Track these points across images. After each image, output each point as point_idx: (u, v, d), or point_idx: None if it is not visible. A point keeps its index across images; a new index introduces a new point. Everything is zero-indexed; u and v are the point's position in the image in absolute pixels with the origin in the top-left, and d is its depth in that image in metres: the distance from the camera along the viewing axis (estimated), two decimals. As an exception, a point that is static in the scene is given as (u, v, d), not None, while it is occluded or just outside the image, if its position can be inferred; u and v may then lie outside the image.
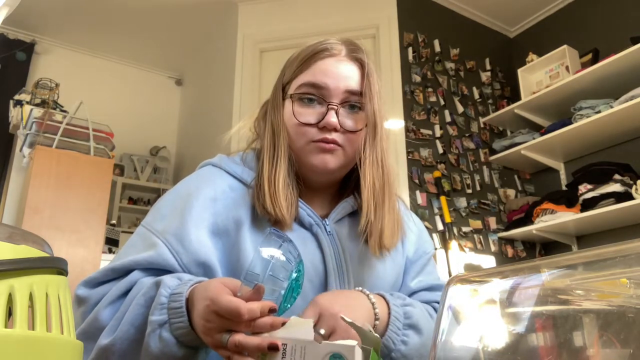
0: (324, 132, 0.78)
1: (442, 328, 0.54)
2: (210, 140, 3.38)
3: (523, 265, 0.53)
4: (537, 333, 0.47)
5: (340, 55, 0.82)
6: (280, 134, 0.80)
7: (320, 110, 0.79)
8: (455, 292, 0.57)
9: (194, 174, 0.87)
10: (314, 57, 0.82)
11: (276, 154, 0.80)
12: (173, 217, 0.76)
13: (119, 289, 0.70)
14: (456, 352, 0.53)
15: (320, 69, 0.80)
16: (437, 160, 2.78)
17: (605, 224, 2.59)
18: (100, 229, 2.49)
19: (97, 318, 0.68)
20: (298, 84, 0.81)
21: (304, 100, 0.80)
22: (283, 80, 0.86)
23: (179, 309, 0.62)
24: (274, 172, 0.78)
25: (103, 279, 0.73)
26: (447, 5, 3.19)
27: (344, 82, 0.79)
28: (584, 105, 2.59)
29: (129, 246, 0.77)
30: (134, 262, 0.72)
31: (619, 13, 2.86)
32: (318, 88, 0.79)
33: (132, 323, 0.65)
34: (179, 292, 0.63)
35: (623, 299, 0.43)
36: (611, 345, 0.41)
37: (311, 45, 0.84)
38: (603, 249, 0.44)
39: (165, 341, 0.61)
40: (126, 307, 0.67)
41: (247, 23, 3.14)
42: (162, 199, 0.83)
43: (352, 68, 0.81)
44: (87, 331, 0.68)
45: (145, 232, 0.77)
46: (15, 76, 3.52)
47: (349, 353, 0.53)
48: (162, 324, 0.62)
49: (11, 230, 0.47)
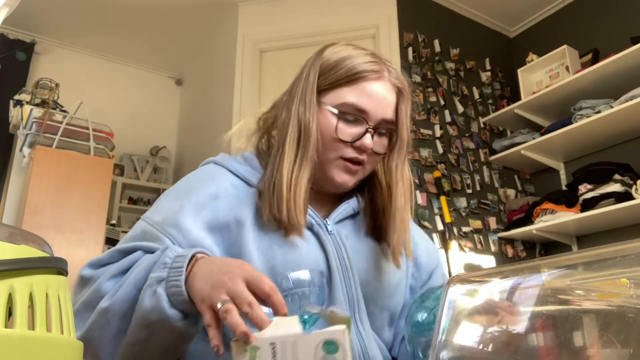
0: (356, 151, 0.81)
1: (442, 328, 0.55)
2: (210, 140, 3.38)
3: (523, 265, 0.53)
4: (537, 333, 0.47)
5: (384, 79, 0.84)
6: (311, 136, 0.80)
7: (358, 131, 0.81)
8: (455, 292, 0.57)
9: (196, 171, 0.87)
10: (362, 77, 0.82)
11: (300, 156, 0.79)
12: (171, 210, 0.77)
13: (122, 264, 0.70)
14: (456, 352, 0.53)
15: (366, 92, 0.81)
16: (437, 160, 2.78)
17: (605, 224, 2.59)
18: (100, 229, 2.49)
19: (99, 289, 0.68)
20: (341, 99, 0.81)
21: (348, 119, 0.81)
22: (319, 82, 0.84)
23: (179, 268, 0.62)
24: (297, 176, 0.78)
25: (109, 260, 0.73)
26: (447, 5, 3.19)
27: (383, 110, 0.82)
28: (584, 105, 2.59)
29: (129, 237, 0.78)
30: (140, 246, 0.73)
31: (619, 13, 2.86)
32: (360, 110, 0.81)
33: (134, 285, 0.65)
34: (184, 255, 0.64)
35: (623, 299, 0.43)
36: (611, 345, 0.41)
37: (355, 58, 0.83)
38: (603, 249, 0.44)
39: (157, 296, 0.61)
40: (129, 274, 0.67)
41: (247, 23, 3.14)
42: (164, 194, 0.84)
43: (392, 96, 0.84)
44: (89, 301, 0.68)
45: (144, 225, 0.78)
46: (15, 76, 3.52)
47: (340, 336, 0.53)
48: (160, 280, 0.62)
49: (11, 230, 0.48)
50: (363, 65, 0.82)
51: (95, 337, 0.65)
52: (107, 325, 0.65)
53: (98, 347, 0.66)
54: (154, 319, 0.62)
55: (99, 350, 0.66)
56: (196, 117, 3.89)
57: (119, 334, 0.65)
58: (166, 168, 4.07)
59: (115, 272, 0.69)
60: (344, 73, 0.82)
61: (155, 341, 0.64)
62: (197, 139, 3.75)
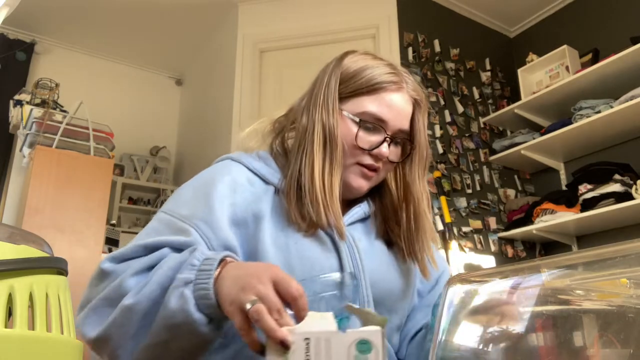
0: (372, 159, 0.84)
1: (442, 328, 0.54)
2: (210, 140, 3.38)
3: (523, 265, 0.53)
4: (537, 333, 0.47)
5: (403, 90, 0.87)
6: (338, 141, 0.83)
7: (377, 139, 0.84)
8: (455, 292, 0.57)
9: (212, 167, 0.87)
10: (382, 88, 0.85)
11: (332, 161, 0.82)
12: (198, 204, 0.77)
13: (147, 260, 0.68)
14: (456, 352, 0.53)
15: (386, 102, 0.85)
16: (437, 160, 2.78)
17: (605, 224, 2.58)
18: (100, 229, 2.49)
19: (122, 285, 0.66)
20: (362, 108, 0.84)
21: (368, 128, 0.84)
22: (340, 89, 0.86)
23: (208, 271, 0.61)
24: (330, 180, 0.81)
25: (132, 255, 0.71)
26: (447, 5, 3.19)
27: (401, 121, 0.86)
28: (584, 105, 2.59)
29: (152, 231, 0.76)
30: (166, 242, 0.71)
31: (619, 13, 2.86)
32: (379, 120, 0.84)
33: (159, 283, 0.63)
34: (213, 258, 0.63)
35: (623, 299, 0.43)
36: (611, 345, 0.41)
37: (376, 68, 0.86)
38: (603, 249, 0.44)
39: (184, 298, 0.60)
40: (155, 271, 0.66)
41: (247, 23, 3.14)
42: (182, 188, 0.83)
43: (409, 107, 0.87)
44: (110, 297, 0.66)
45: (169, 218, 0.76)
46: (15, 76, 3.52)
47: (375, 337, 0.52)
48: (188, 282, 0.61)
49: (11, 230, 0.48)
50: (383, 76, 0.85)
51: (114, 335, 0.64)
52: (128, 324, 0.63)
53: (117, 345, 0.64)
54: (178, 321, 0.60)
55: (117, 348, 0.64)
56: (196, 117, 3.89)
57: (139, 334, 0.64)
58: (166, 168, 4.07)
59: (139, 269, 0.67)
60: (364, 82, 0.85)
61: (176, 344, 0.63)
62: (197, 139, 3.75)
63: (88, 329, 0.66)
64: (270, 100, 2.91)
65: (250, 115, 2.89)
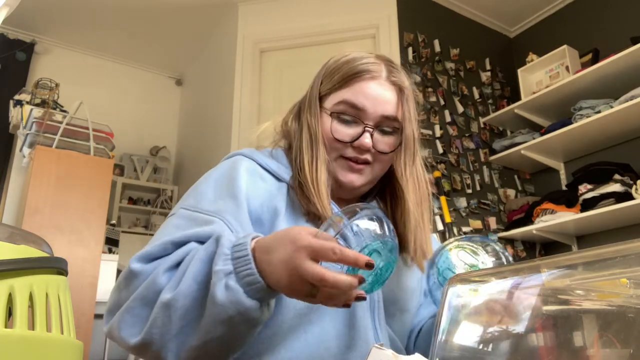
0: (356, 152, 0.82)
1: (442, 328, 0.55)
2: (210, 140, 3.38)
3: (523, 265, 0.53)
4: (537, 333, 0.47)
5: (381, 78, 0.84)
6: (319, 141, 0.83)
7: (356, 131, 0.82)
8: (455, 292, 0.57)
9: (226, 162, 0.86)
10: (355, 78, 0.84)
11: (315, 159, 0.82)
12: (225, 200, 0.76)
13: (176, 255, 0.67)
14: (456, 352, 0.53)
15: (361, 91, 0.83)
16: (437, 160, 2.78)
17: (605, 224, 2.58)
18: (100, 229, 2.49)
19: (156, 281, 0.64)
20: (337, 100, 0.84)
21: (342, 119, 0.83)
22: (320, 89, 0.87)
23: (244, 257, 0.60)
24: (315, 176, 0.80)
25: (161, 253, 0.69)
26: (447, 5, 3.19)
27: (382, 107, 0.83)
28: (584, 105, 2.59)
29: (173, 228, 0.74)
30: (194, 235, 0.70)
31: (619, 13, 2.86)
32: (356, 109, 0.82)
33: (194, 278, 0.62)
34: (242, 243, 0.62)
35: (623, 299, 0.43)
36: (611, 345, 0.41)
37: (352, 61, 0.86)
38: (603, 249, 0.44)
39: (232, 289, 0.59)
40: (186, 265, 0.65)
41: (247, 23, 3.14)
42: (200, 185, 0.82)
43: (390, 94, 0.84)
44: (145, 296, 0.64)
45: (191, 214, 0.75)
46: (15, 76, 3.52)
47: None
48: (228, 273, 0.60)
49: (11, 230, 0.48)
50: (359, 67, 0.84)
51: (156, 335, 0.62)
52: (169, 323, 0.62)
53: (160, 346, 0.62)
54: (231, 313, 0.60)
55: (161, 349, 0.63)
56: (196, 117, 3.89)
57: (182, 332, 0.62)
58: (166, 168, 4.07)
59: (170, 265, 0.66)
60: (340, 76, 0.85)
61: (231, 336, 0.62)
62: (197, 139, 3.75)
63: (126, 334, 0.64)
64: (270, 100, 2.91)
65: (250, 115, 2.89)
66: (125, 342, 0.64)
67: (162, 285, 0.64)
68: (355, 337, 0.75)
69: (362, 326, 0.76)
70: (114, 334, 0.66)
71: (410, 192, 0.84)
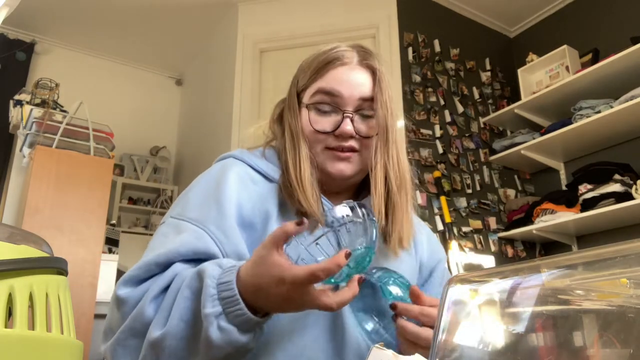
0: (339, 140, 0.81)
1: (442, 328, 0.54)
2: (210, 140, 3.38)
3: (523, 265, 0.53)
4: (537, 333, 0.47)
5: (352, 63, 0.84)
6: (300, 138, 0.82)
7: (336, 119, 0.82)
8: (455, 292, 0.57)
9: (215, 166, 0.86)
10: (327, 67, 0.84)
11: (298, 157, 0.81)
12: (209, 207, 0.76)
13: (160, 283, 0.68)
14: (456, 352, 0.53)
15: (334, 78, 0.83)
16: (437, 160, 2.78)
17: (605, 224, 2.58)
18: (100, 229, 2.49)
19: (143, 313, 0.65)
20: (312, 92, 0.84)
21: (320, 109, 0.83)
22: (297, 86, 0.88)
23: (231, 297, 0.61)
24: (299, 174, 0.80)
25: (145, 275, 0.70)
26: (447, 5, 3.19)
27: (357, 89, 0.82)
28: (584, 105, 2.59)
29: (162, 237, 0.74)
30: (178, 254, 0.70)
31: (619, 13, 2.86)
32: (332, 96, 0.82)
33: (181, 318, 0.63)
34: (228, 281, 0.62)
35: (623, 299, 0.43)
36: (611, 345, 0.41)
37: (323, 53, 0.86)
38: (603, 249, 0.44)
39: (226, 330, 0.60)
40: (171, 299, 0.65)
41: (247, 23, 3.14)
42: (189, 191, 0.82)
43: (364, 76, 0.84)
44: (133, 327, 0.65)
45: (178, 222, 0.75)
46: (15, 76, 3.52)
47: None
48: (218, 315, 0.61)
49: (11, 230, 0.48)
50: (331, 56, 0.85)
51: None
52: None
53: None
54: (228, 350, 0.62)
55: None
56: (196, 117, 3.89)
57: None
58: (166, 168, 4.07)
59: (156, 294, 0.67)
60: (314, 68, 0.85)
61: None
62: (197, 139, 3.75)
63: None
64: (270, 100, 2.91)
65: (250, 115, 2.89)
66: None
67: (150, 317, 0.65)
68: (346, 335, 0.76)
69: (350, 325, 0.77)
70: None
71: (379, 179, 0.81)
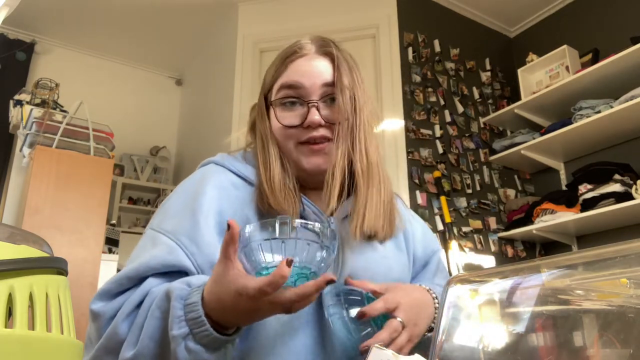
0: (309, 131, 0.80)
1: (442, 328, 0.54)
2: (210, 140, 3.38)
3: (523, 265, 0.53)
4: (537, 333, 0.47)
5: (311, 53, 0.84)
6: (269, 141, 0.82)
7: (302, 111, 0.81)
8: (455, 292, 0.57)
9: (196, 173, 0.87)
10: (286, 61, 0.84)
11: (267, 160, 0.81)
12: (183, 218, 0.76)
13: (133, 300, 0.69)
14: (456, 351, 0.53)
15: (294, 70, 0.82)
16: (437, 160, 2.78)
17: (605, 224, 2.58)
18: (100, 229, 2.49)
19: (116, 332, 0.67)
20: (276, 88, 0.84)
21: (286, 104, 0.82)
22: (264, 89, 0.88)
23: (198, 319, 0.61)
24: (269, 175, 0.80)
25: (118, 289, 0.71)
26: (447, 5, 3.19)
27: (318, 77, 0.81)
28: (584, 105, 2.59)
29: (140, 249, 0.76)
30: (149, 268, 0.71)
31: (619, 13, 2.86)
32: (295, 88, 0.81)
33: (151, 337, 0.64)
34: (194, 302, 0.63)
35: (623, 299, 0.43)
36: (611, 345, 0.41)
37: (282, 50, 0.87)
38: (603, 249, 0.44)
39: (193, 351, 0.61)
40: (142, 318, 0.66)
41: (247, 23, 3.14)
42: (168, 200, 0.83)
43: (324, 63, 0.83)
44: (107, 346, 0.67)
45: (155, 234, 0.76)
46: (15, 76, 3.52)
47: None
48: (185, 336, 0.61)
49: (11, 230, 0.48)
50: (290, 50, 0.85)
51: None
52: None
53: None
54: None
55: None
56: (196, 117, 3.89)
57: None
58: (166, 168, 4.07)
59: (128, 312, 0.68)
60: (275, 66, 0.86)
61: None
62: (197, 139, 3.75)
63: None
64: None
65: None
66: None
67: (123, 335, 0.66)
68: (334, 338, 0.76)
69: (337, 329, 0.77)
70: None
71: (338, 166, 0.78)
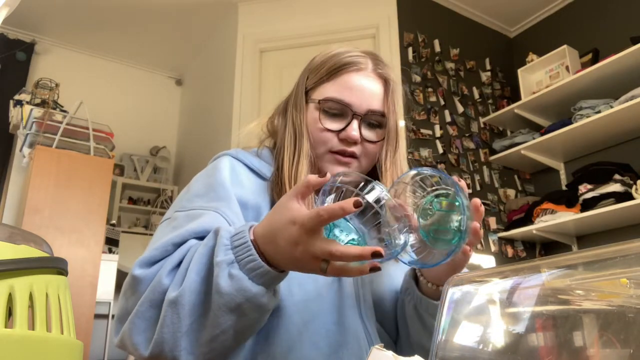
0: (343, 144, 0.82)
1: (442, 328, 0.54)
2: (210, 140, 3.38)
3: (523, 265, 0.53)
4: (537, 333, 0.47)
5: (367, 70, 0.85)
6: (303, 135, 0.83)
7: (345, 121, 0.82)
8: (455, 292, 0.57)
9: (213, 163, 0.86)
10: (341, 70, 0.84)
11: (297, 153, 0.82)
12: (215, 194, 0.76)
13: (179, 254, 0.67)
14: (456, 352, 0.53)
15: (347, 84, 0.83)
16: (437, 160, 2.78)
17: (605, 224, 2.59)
18: (100, 229, 2.49)
19: (161, 282, 0.64)
20: (324, 94, 0.84)
21: (328, 112, 0.83)
22: (307, 83, 0.88)
23: (244, 244, 0.60)
24: (295, 171, 0.80)
25: (162, 255, 0.68)
26: (447, 5, 3.19)
27: (368, 101, 0.83)
28: (584, 105, 2.59)
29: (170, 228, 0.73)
30: (194, 233, 0.69)
31: (619, 13, 2.86)
32: (343, 104, 0.82)
33: (197, 273, 0.62)
34: (241, 232, 0.62)
35: (623, 299, 0.43)
36: (611, 345, 0.41)
37: (338, 55, 0.86)
38: (603, 249, 0.44)
39: (236, 278, 0.59)
40: (187, 263, 0.64)
41: (247, 23, 3.14)
42: (191, 187, 0.81)
43: (376, 86, 0.84)
44: (152, 298, 0.63)
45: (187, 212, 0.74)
46: (15, 76, 3.52)
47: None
48: (230, 262, 0.60)
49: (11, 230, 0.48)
50: (346, 59, 0.85)
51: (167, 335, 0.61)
52: (178, 321, 0.61)
53: (173, 346, 0.62)
54: (239, 301, 0.59)
55: (174, 349, 0.62)
56: (196, 117, 3.89)
57: (192, 329, 0.62)
58: (166, 168, 4.08)
59: (173, 265, 0.65)
60: (325, 70, 0.85)
61: (241, 325, 0.62)
62: (197, 139, 3.75)
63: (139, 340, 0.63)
64: (270, 100, 2.91)
65: (250, 115, 2.89)
66: (138, 349, 0.63)
67: (167, 285, 0.63)
68: (345, 334, 0.76)
69: (351, 324, 0.77)
70: (126, 342, 0.64)
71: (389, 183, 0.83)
